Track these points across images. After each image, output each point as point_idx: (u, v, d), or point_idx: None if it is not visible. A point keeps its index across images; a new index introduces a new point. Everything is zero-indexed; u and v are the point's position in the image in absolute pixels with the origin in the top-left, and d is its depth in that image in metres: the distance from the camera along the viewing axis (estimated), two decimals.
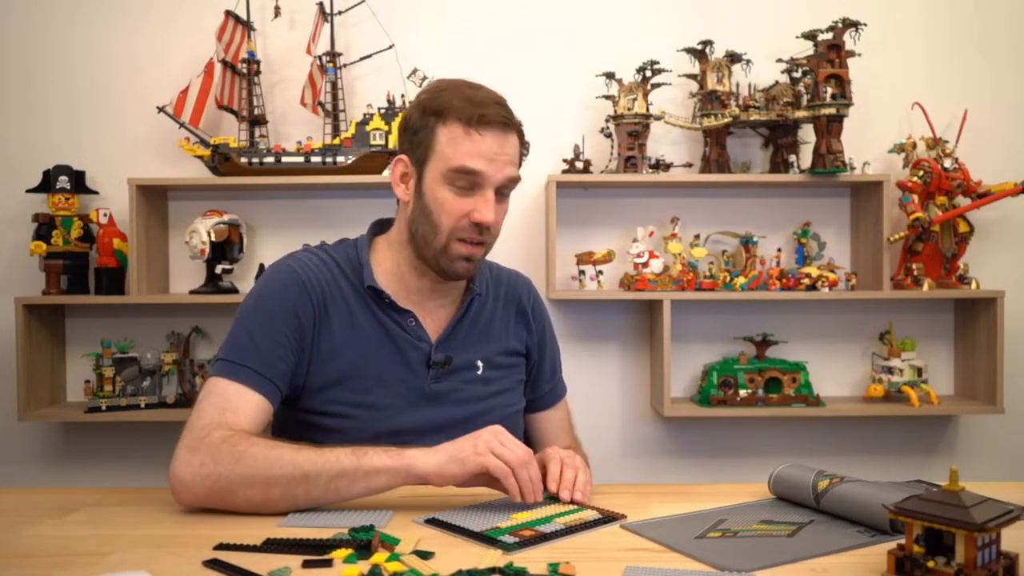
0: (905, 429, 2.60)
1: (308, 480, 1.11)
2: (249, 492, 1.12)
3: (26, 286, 2.51)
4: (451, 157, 1.26)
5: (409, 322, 1.34)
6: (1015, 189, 2.38)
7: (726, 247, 2.53)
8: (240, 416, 1.20)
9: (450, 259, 1.30)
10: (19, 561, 0.97)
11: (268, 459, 1.12)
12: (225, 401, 1.20)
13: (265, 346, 1.25)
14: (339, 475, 1.11)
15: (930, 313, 2.59)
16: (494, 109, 1.27)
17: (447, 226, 1.28)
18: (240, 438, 1.15)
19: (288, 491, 1.11)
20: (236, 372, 1.23)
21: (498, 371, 1.42)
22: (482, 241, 1.30)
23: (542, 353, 1.51)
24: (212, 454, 1.13)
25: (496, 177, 1.27)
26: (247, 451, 1.13)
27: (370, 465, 1.11)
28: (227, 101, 2.44)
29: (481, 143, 1.26)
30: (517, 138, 1.32)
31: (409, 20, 2.54)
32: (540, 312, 1.53)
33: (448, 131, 1.27)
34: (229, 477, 1.12)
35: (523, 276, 1.55)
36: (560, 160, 2.47)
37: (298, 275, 1.31)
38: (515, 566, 0.91)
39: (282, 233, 2.57)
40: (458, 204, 1.27)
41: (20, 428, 2.53)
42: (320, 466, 1.11)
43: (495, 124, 1.26)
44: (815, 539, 1.02)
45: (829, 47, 2.34)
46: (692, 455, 2.61)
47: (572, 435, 1.56)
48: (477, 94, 1.29)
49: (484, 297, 1.44)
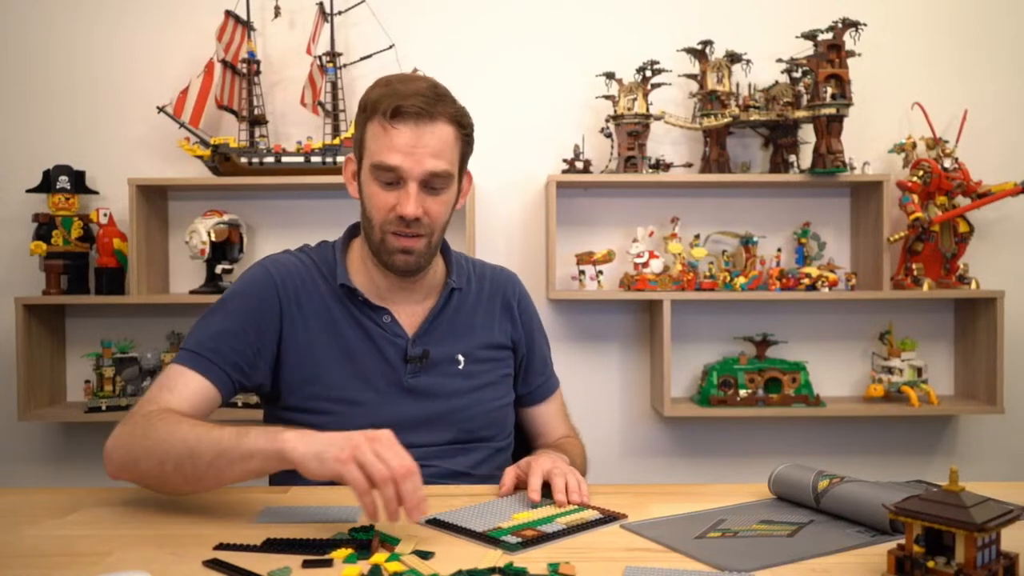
0: (905, 429, 2.60)
1: (194, 457, 1.08)
2: (148, 464, 1.12)
3: (26, 286, 2.51)
4: (373, 153, 1.27)
5: (384, 319, 1.36)
6: (1015, 189, 2.38)
7: (726, 247, 2.53)
8: (175, 394, 1.22)
9: (388, 252, 1.30)
10: (19, 561, 0.97)
11: (167, 433, 1.11)
12: (168, 381, 1.24)
13: (221, 337, 1.28)
14: (219, 455, 1.08)
15: (930, 313, 2.60)
16: (412, 101, 1.24)
17: (377, 220, 1.30)
18: (161, 414, 1.16)
19: (178, 467, 1.10)
20: (187, 359, 1.26)
21: (481, 365, 1.42)
22: (416, 233, 1.30)
23: (531, 347, 1.51)
24: (132, 426, 1.16)
25: (415, 170, 1.26)
26: (156, 425, 1.13)
27: (246, 447, 1.06)
28: (227, 101, 2.44)
29: (397, 137, 1.25)
30: (448, 125, 1.28)
31: (409, 20, 2.54)
32: (526, 306, 1.52)
33: (372, 127, 1.28)
34: (135, 448, 1.13)
35: (508, 271, 1.55)
36: (560, 160, 2.47)
37: (270, 274, 1.34)
38: (515, 566, 0.91)
39: (282, 233, 2.57)
40: (383, 198, 1.28)
41: (20, 428, 2.53)
42: (205, 444, 1.08)
43: (410, 117, 1.24)
44: (815, 539, 1.02)
45: (829, 47, 2.35)
46: (692, 455, 2.62)
47: (568, 424, 1.56)
48: (405, 87, 1.26)
49: (465, 292, 1.44)
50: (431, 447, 1.34)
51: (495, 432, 1.42)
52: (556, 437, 1.51)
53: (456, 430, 1.37)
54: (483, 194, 2.54)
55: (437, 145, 1.27)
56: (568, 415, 1.58)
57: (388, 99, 1.25)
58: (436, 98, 1.26)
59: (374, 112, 1.27)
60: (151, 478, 1.13)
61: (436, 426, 1.36)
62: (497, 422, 1.43)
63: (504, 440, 1.45)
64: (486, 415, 1.40)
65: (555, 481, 1.18)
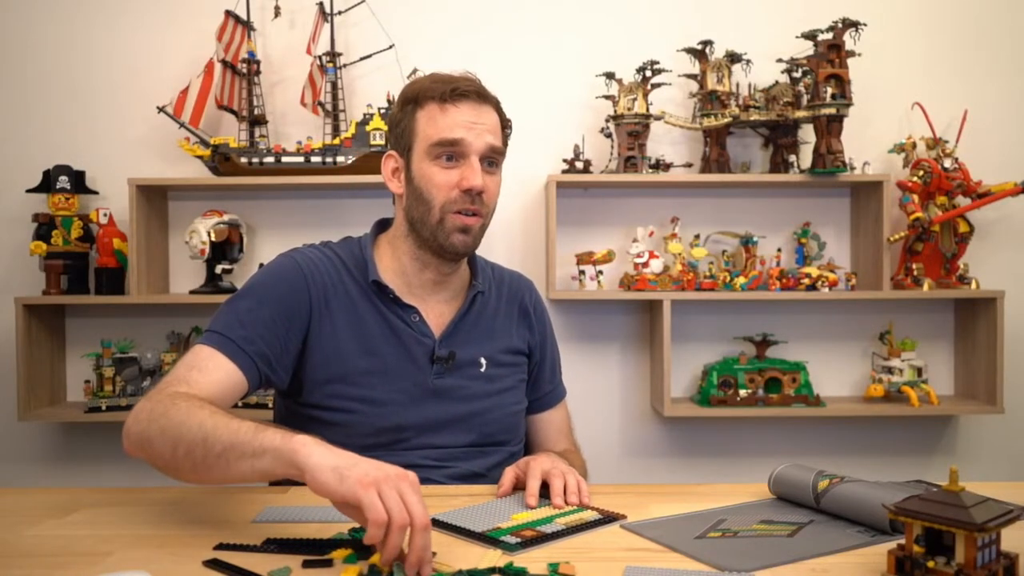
0: (905, 429, 2.60)
1: (206, 444, 1.02)
2: (161, 445, 1.07)
3: (26, 286, 2.51)
4: (432, 134, 1.30)
5: (413, 317, 1.35)
6: (1015, 189, 2.38)
7: (726, 247, 2.53)
8: (204, 375, 1.18)
9: (447, 233, 1.31)
10: (19, 561, 0.97)
11: (187, 415, 1.06)
12: (197, 360, 1.20)
13: (250, 325, 1.24)
14: (232, 446, 1.01)
15: (930, 313, 2.60)
16: (464, 83, 1.31)
17: (439, 200, 1.30)
18: (184, 396, 1.12)
19: (189, 452, 1.04)
20: (215, 340, 1.23)
21: (501, 369, 1.42)
22: (476, 211, 1.31)
23: (543, 354, 1.51)
24: (154, 405, 1.11)
25: (477, 144, 1.30)
26: (179, 405, 1.08)
27: (259, 442, 0.99)
28: (227, 101, 2.44)
29: (457, 114, 1.30)
30: (495, 113, 1.35)
31: (409, 20, 2.54)
32: (542, 313, 1.53)
33: (425, 112, 1.31)
34: (151, 427, 1.09)
35: (525, 278, 1.56)
36: (560, 160, 2.47)
37: (300, 267, 1.32)
38: (515, 566, 0.91)
39: (282, 233, 2.57)
40: (446, 176, 1.30)
41: (20, 428, 2.53)
42: (221, 432, 1.02)
43: (468, 95, 1.31)
44: (815, 539, 1.02)
45: (829, 47, 2.35)
46: (692, 455, 2.62)
47: (571, 439, 1.55)
48: (448, 75, 1.33)
49: (487, 295, 1.44)
50: (452, 448, 1.34)
51: (511, 436, 1.42)
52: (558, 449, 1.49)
53: (477, 433, 1.36)
54: None
55: (492, 123, 1.33)
56: (572, 428, 1.57)
57: (440, 84, 1.31)
58: (484, 88, 1.35)
59: (426, 98, 1.31)
60: (161, 459, 1.08)
61: (458, 428, 1.35)
62: (514, 427, 1.43)
63: (518, 445, 1.45)
64: (505, 419, 1.40)
65: (554, 483, 1.18)
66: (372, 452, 1.18)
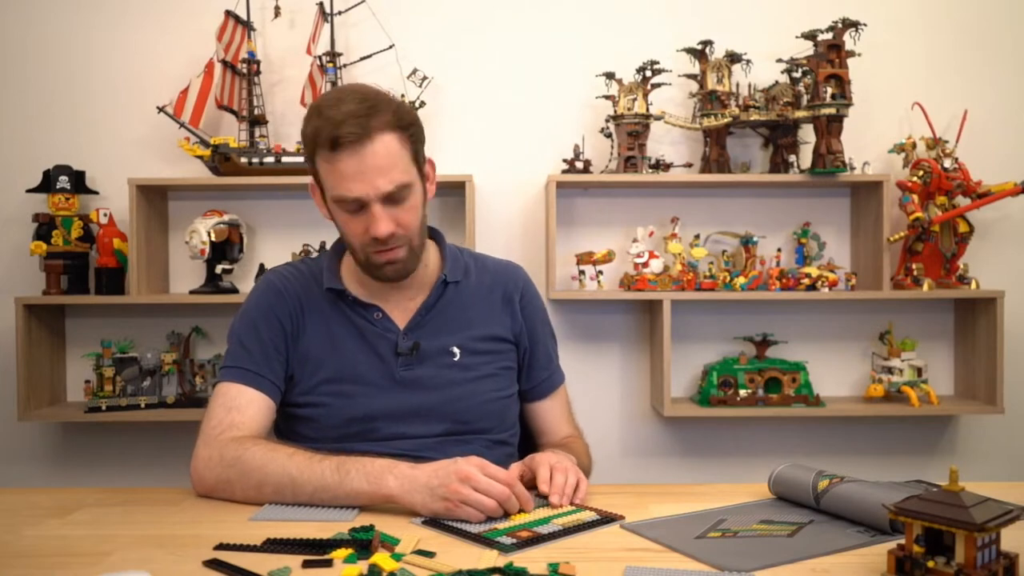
0: (905, 429, 2.60)
1: (295, 486, 1.18)
2: (246, 488, 1.22)
3: (26, 286, 2.51)
4: (330, 188, 1.30)
5: (375, 315, 1.40)
6: (1015, 189, 2.38)
7: (726, 247, 2.53)
8: (244, 413, 1.31)
9: (375, 267, 1.36)
10: (19, 561, 0.97)
11: (266, 461, 1.21)
12: (229, 400, 1.32)
13: (255, 349, 1.37)
14: (322, 488, 1.17)
15: (930, 313, 2.59)
16: (346, 128, 1.23)
17: (356, 244, 1.34)
18: (245, 440, 1.26)
19: (278, 492, 1.20)
20: (234, 375, 1.35)
21: (479, 357, 1.43)
22: (394, 246, 1.32)
23: (533, 341, 1.51)
24: (220, 451, 1.25)
25: (371, 194, 1.27)
26: (247, 451, 1.23)
27: (350, 487, 1.16)
28: (227, 101, 2.44)
29: (345, 167, 1.26)
30: (392, 135, 1.26)
31: (409, 20, 2.54)
32: (530, 300, 1.53)
33: (321, 162, 1.29)
34: (228, 473, 1.23)
35: (514, 265, 1.56)
36: (560, 160, 2.47)
37: (275, 285, 1.42)
38: (515, 566, 0.91)
39: (282, 233, 2.57)
40: (354, 225, 1.32)
41: (20, 428, 2.53)
42: (306, 477, 1.18)
43: (348, 145, 1.24)
44: (815, 539, 1.02)
45: (829, 47, 2.34)
46: (692, 455, 2.62)
47: (572, 423, 1.57)
48: (336, 112, 1.24)
49: (463, 284, 1.46)
50: (425, 438, 1.37)
51: (492, 424, 1.43)
52: (561, 436, 1.52)
53: (450, 421, 1.39)
54: (483, 194, 2.54)
55: (384, 162, 1.26)
56: (572, 414, 1.59)
57: (323, 131, 1.25)
58: (368, 113, 1.24)
59: (316, 147, 1.28)
60: (245, 498, 1.22)
61: (429, 417, 1.38)
62: (494, 414, 1.44)
63: (503, 432, 1.46)
64: (482, 407, 1.41)
65: (555, 477, 1.19)
66: (344, 443, 1.31)
